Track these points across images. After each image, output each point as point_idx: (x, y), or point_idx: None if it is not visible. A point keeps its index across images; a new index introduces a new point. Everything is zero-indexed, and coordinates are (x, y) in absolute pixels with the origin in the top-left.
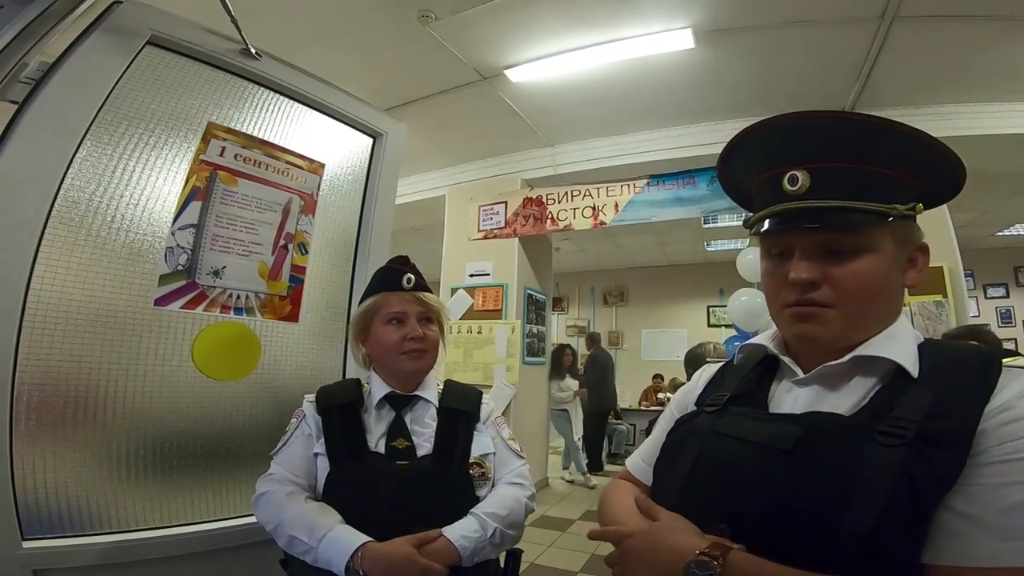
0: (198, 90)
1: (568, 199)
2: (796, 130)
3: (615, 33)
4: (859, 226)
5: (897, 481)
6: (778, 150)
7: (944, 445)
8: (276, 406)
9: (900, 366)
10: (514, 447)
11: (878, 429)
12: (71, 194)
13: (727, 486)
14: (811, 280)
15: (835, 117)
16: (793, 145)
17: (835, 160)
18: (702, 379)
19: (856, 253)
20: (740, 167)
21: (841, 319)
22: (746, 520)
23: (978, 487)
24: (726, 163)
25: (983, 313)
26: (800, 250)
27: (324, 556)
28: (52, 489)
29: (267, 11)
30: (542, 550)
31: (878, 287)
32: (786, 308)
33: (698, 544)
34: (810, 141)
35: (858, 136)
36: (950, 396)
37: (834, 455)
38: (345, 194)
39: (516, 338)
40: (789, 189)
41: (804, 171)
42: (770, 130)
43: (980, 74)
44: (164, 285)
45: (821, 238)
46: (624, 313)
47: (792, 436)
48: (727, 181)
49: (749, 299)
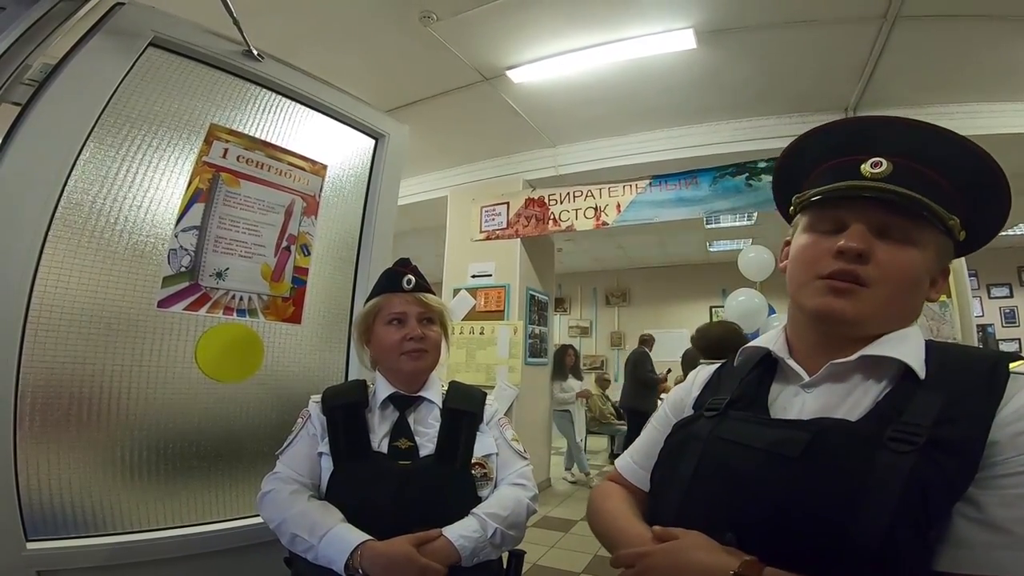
0: (200, 92)
1: (570, 200)
2: (886, 127)
3: (617, 33)
4: (920, 218)
5: (909, 487)
6: (864, 140)
7: (955, 452)
8: (279, 407)
9: (908, 368)
10: (517, 448)
11: (888, 435)
12: (74, 196)
13: (731, 493)
14: (861, 251)
15: (928, 127)
16: (880, 138)
17: (916, 162)
18: (697, 381)
19: (906, 243)
20: (821, 145)
21: (871, 302)
22: (752, 528)
23: (997, 496)
24: (812, 137)
25: (987, 313)
26: (857, 224)
27: (324, 554)
28: (56, 490)
29: (268, 13)
30: (545, 551)
31: (912, 282)
32: (820, 279)
33: (727, 562)
34: (897, 139)
35: (943, 149)
36: (959, 401)
37: (844, 461)
38: (347, 195)
39: (518, 339)
40: (871, 172)
41: (888, 160)
42: (861, 124)
43: (983, 73)
44: (167, 287)
45: (883, 219)
46: (626, 313)
47: (799, 442)
48: (797, 155)
49: (747, 299)
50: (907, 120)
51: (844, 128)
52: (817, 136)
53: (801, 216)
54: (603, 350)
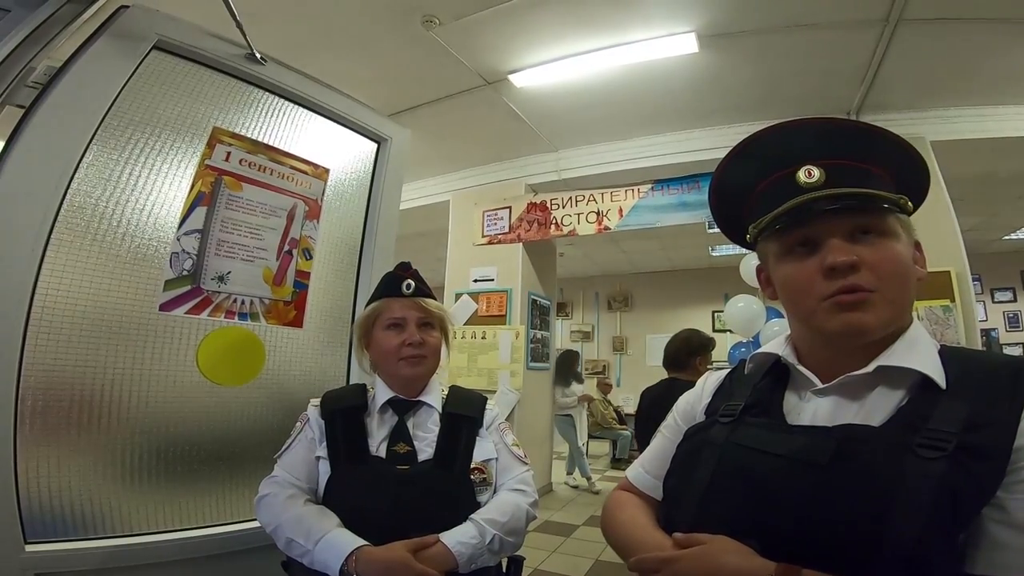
0: (204, 95)
1: (572, 204)
2: (800, 133)
3: (619, 37)
4: (881, 210)
5: (940, 493)
6: (786, 151)
7: (984, 457)
8: (280, 411)
9: (925, 376)
10: (517, 453)
11: (916, 442)
12: (77, 199)
13: (753, 499)
14: (851, 263)
15: (830, 121)
16: (800, 145)
17: (840, 158)
18: (707, 388)
19: (881, 236)
20: (741, 172)
21: (885, 303)
22: (776, 535)
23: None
24: (728, 169)
25: (991, 317)
26: (830, 237)
27: (320, 559)
28: (56, 493)
29: (272, 17)
30: (546, 556)
31: (906, 272)
32: (826, 300)
33: (763, 565)
34: (814, 142)
35: (855, 138)
36: (986, 408)
37: (874, 469)
38: (349, 199)
39: (520, 343)
40: (806, 181)
41: (816, 167)
42: (774, 135)
43: (986, 77)
44: (169, 290)
45: (851, 222)
46: (628, 318)
47: (827, 450)
48: (723, 192)
49: (746, 305)
50: (797, 122)
51: (749, 150)
52: (732, 166)
53: (765, 243)
54: (605, 355)
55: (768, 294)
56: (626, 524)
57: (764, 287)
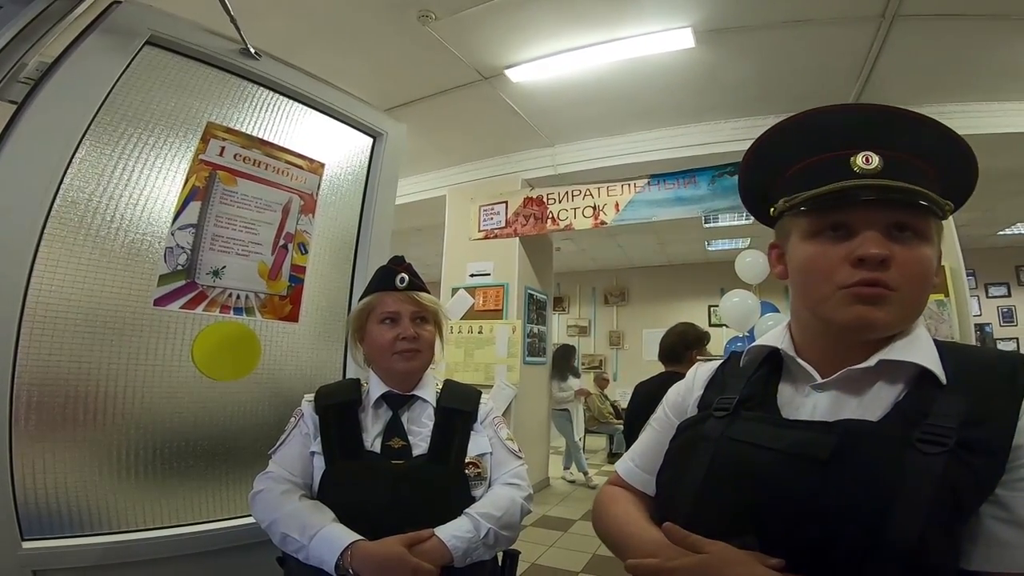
0: (197, 90)
1: (568, 199)
2: (866, 117)
3: (615, 32)
4: (925, 211)
5: (940, 488)
6: (845, 132)
7: (985, 453)
8: (276, 406)
9: (924, 370)
10: (512, 447)
11: (916, 437)
12: (70, 194)
13: (750, 495)
14: (884, 257)
15: (900, 112)
16: (863, 129)
17: (903, 151)
18: (698, 380)
19: (920, 238)
20: (793, 144)
21: (900, 306)
22: (775, 530)
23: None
24: (775, 138)
25: (984, 312)
26: (867, 228)
27: (315, 554)
28: (52, 489)
29: (266, 12)
30: (543, 550)
31: (929, 280)
32: (843, 289)
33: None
34: (880, 129)
35: (921, 134)
36: (985, 403)
37: (876, 464)
38: (345, 194)
39: (517, 338)
40: (862, 167)
41: (877, 154)
42: (835, 114)
43: (982, 73)
44: (164, 285)
45: (893, 217)
46: (625, 313)
47: (827, 445)
48: (762, 157)
49: (740, 300)
50: (878, 107)
51: (815, 122)
52: (786, 133)
53: (791, 220)
54: (602, 349)
55: (778, 272)
56: (619, 519)
57: (774, 264)
